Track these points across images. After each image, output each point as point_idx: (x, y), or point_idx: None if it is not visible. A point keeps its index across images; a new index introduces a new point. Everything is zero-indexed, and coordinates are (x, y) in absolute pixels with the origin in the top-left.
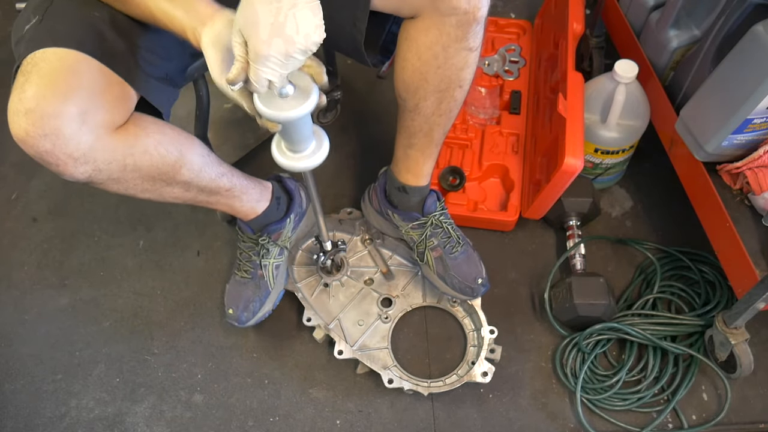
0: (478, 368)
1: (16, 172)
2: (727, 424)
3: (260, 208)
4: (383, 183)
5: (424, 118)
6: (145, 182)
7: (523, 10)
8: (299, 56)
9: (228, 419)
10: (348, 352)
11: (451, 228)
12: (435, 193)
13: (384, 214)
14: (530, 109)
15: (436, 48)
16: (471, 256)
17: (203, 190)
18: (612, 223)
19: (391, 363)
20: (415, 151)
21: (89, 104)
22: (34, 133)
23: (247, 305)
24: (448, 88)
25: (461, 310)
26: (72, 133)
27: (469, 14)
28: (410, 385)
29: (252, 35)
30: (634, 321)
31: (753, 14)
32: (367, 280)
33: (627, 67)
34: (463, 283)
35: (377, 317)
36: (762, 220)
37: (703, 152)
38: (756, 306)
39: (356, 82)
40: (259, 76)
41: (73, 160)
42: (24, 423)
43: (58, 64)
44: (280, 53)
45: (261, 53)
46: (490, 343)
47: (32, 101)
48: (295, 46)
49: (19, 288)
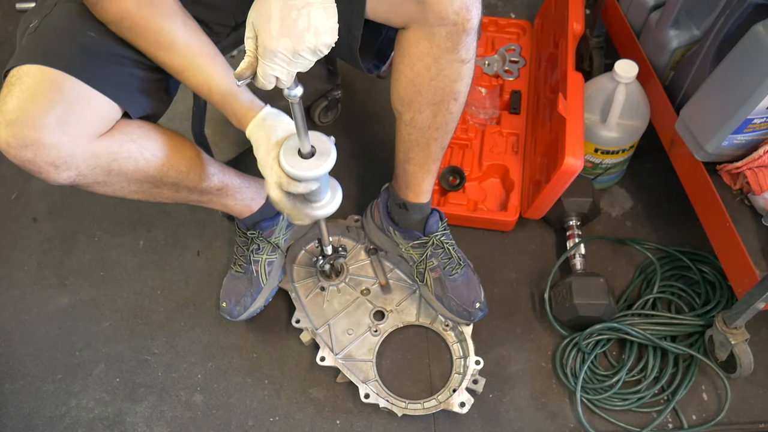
0: (456, 398)
1: (16, 172)
2: (727, 424)
3: (255, 206)
4: (385, 199)
5: (420, 132)
6: (132, 185)
7: (523, 10)
8: (308, 55)
9: (228, 419)
10: (330, 360)
11: (452, 249)
12: (437, 213)
13: (385, 231)
14: (530, 109)
15: (428, 59)
16: (471, 279)
17: (193, 191)
18: (612, 223)
19: (373, 377)
20: (413, 167)
21: (69, 115)
22: (15, 144)
23: (239, 299)
24: (443, 101)
25: (452, 335)
26: (52, 142)
27: (459, 26)
28: (386, 404)
29: (262, 30)
30: (634, 321)
31: (753, 14)
32: (364, 290)
33: (627, 67)
34: (461, 307)
35: (368, 329)
36: (762, 220)
37: (703, 152)
38: (756, 306)
39: (356, 81)
40: (266, 72)
41: (55, 168)
42: (24, 423)
43: (41, 79)
44: (288, 50)
45: (269, 48)
46: (474, 374)
47: (12, 114)
48: (305, 45)
49: (19, 288)
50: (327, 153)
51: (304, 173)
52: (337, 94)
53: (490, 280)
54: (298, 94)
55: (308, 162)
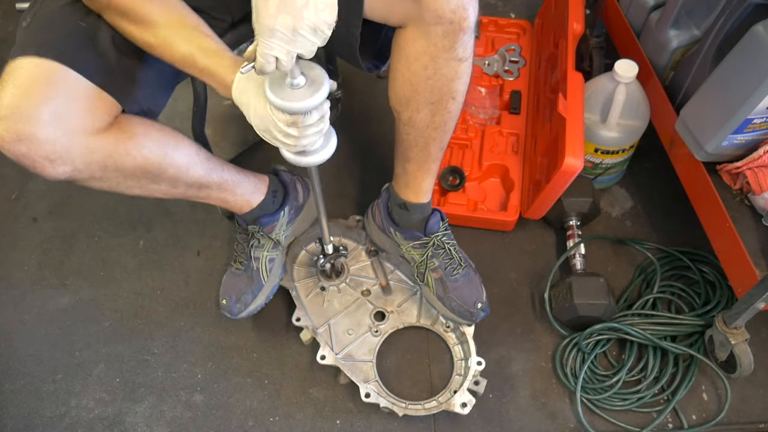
0: (458, 398)
1: (16, 172)
2: (727, 424)
3: (255, 201)
4: (386, 199)
5: (419, 132)
6: (128, 180)
7: (523, 10)
8: (308, 35)
9: (228, 419)
10: (331, 359)
11: (453, 249)
12: (438, 213)
13: (386, 231)
14: (530, 109)
15: (425, 58)
16: (472, 279)
17: (192, 186)
18: (612, 223)
19: (373, 377)
20: (412, 166)
21: (64, 109)
22: (9, 138)
23: (239, 297)
24: (441, 100)
25: (453, 336)
26: (46, 137)
27: (455, 24)
28: (386, 403)
29: (260, 8)
30: (634, 321)
31: (753, 14)
32: (365, 290)
33: (627, 67)
34: (463, 307)
35: (368, 329)
36: (762, 220)
37: (703, 152)
38: (756, 306)
39: (356, 82)
40: (265, 52)
41: (50, 162)
42: (24, 423)
43: (35, 73)
44: (286, 27)
45: (267, 25)
46: (476, 375)
47: (6, 109)
48: (303, 22)
49: (19, 288)
50: (320, 82)
51: (292, 105)
52: (338, 94)
53: (490, 280)
54: (301, 83)
55: (297, 92)
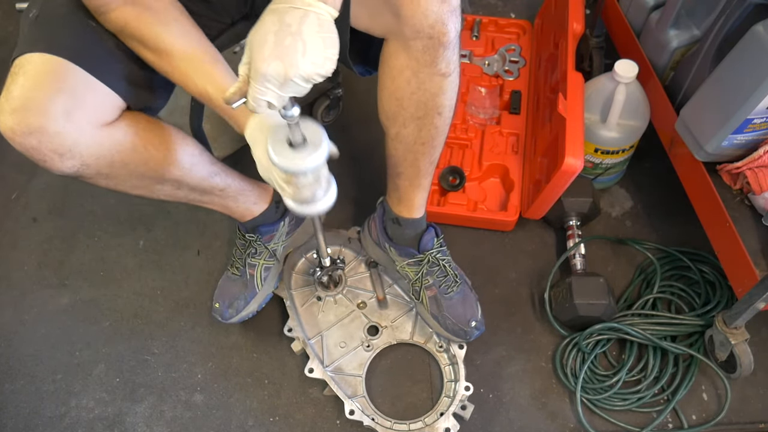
0: (442, 422)
1: (16, 172)
2: (727, 424)
3: (257, 210)
4: (381, 214)
5: (407, 147)
6: (134, 179)
7: (523, 10)
8: (300, 82)
9: (228, 419)
10: (319, 372)
11: (448, 266)
12: (433, 229)
13: (382, 246)
14: (530, 109)
15: (407, 72)
16: (467, 297)
17: (195, 189)
18: (612, 223)
19: (361, 393)
20: (403, 181)
21: (74, 103)
22: (19, 131)
23: (232, 302)
24: (426, 115)
25: (445, 357)
26: (56, 130)
27: (434, 39)
28: (370, 422)
29: (255, 53)
30: (634, 321)
31: (753, 14)
32: (361, 303)
33: (627, 67)
34: (457, 325)
35: (360, 343)
36: (762, 220)
37: (703, 152)
38: (756, 306)
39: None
40: (256, 96)
41: (59, 156)
42: (24, 423)
43: (44, 68)
44: (278, 74)
45: (259, 71)
46: (463, 400)
47: (17, 101)
48: (297, 71)
49: (19, 288)
50: (318, 142)
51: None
52: (339, 93)
53: (490, 280)
54: (295, 115)
55: (297, 153)
